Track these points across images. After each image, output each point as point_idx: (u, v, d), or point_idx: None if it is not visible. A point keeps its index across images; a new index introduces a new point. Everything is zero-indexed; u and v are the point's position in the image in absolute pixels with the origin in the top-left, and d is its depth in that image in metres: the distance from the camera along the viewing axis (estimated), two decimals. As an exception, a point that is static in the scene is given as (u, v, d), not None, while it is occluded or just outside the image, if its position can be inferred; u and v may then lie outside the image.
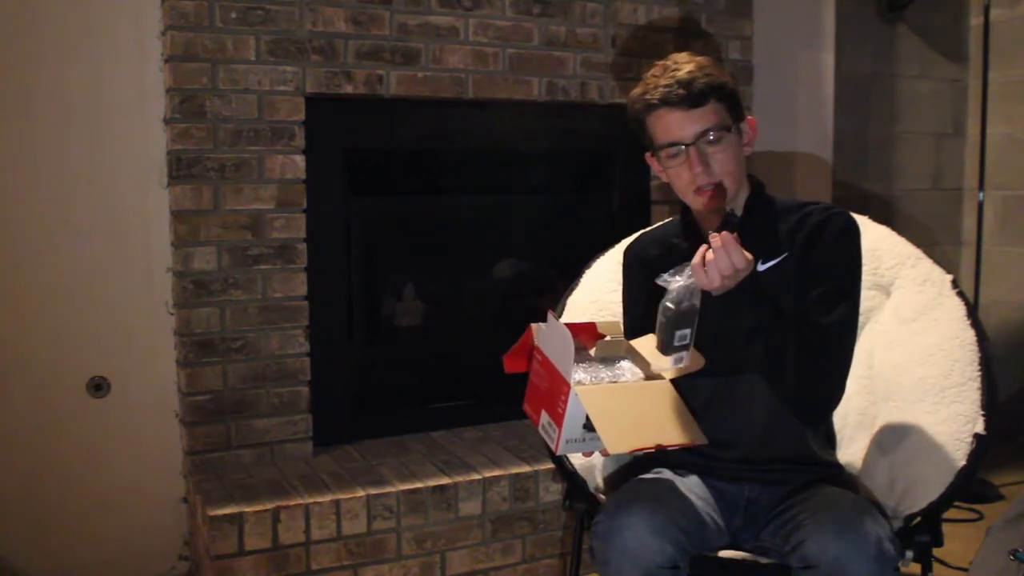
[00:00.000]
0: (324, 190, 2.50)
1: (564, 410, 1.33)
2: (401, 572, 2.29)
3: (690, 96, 1.50)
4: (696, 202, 1.58)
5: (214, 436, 2.40)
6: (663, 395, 1.41)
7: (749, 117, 1.61)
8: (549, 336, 1.41)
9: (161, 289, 2.42)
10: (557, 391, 1.35)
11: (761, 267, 1.56)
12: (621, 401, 1.37)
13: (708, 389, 1.61)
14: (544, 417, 1.38)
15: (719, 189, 1.53)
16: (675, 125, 1.53)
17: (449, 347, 2.87)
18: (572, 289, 2.01)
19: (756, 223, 1.60)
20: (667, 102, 1.52)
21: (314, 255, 2.48)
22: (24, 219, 2.31)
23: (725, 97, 1.54)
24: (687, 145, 1.52)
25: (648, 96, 1.54)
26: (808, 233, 1.59)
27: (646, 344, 1.48)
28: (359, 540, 2.24)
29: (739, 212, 1.61)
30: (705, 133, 1.52)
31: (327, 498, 2.21)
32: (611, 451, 1.33)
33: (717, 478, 1.64)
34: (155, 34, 2.37)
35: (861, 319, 1.84)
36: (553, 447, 1.36)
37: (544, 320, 1.43)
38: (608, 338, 1.45)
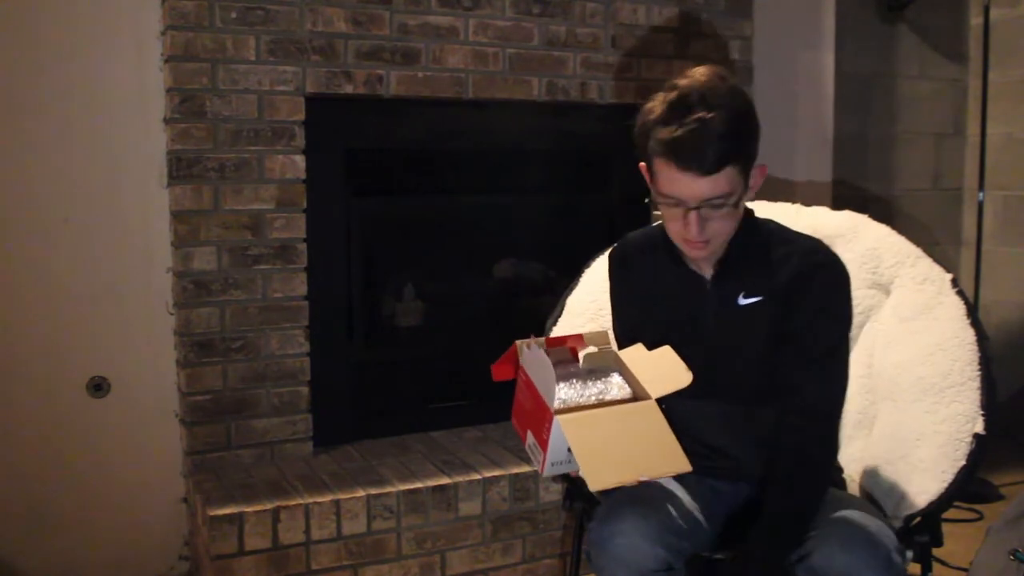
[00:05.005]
0: (324, 190, 2.50)
1: (548, 437, 1.33)
2: (401, 572, 2.29)
3: (707, 164, 1.41)
4: (682, 248, 1.55)
5: (214, 436, 2.40)
6: (648, 419, 1.36)
7: (761, 165, 1.51)
8: (532, 361, 1.40)
9: (161, 289, 2.42)
10: (541, 417, 1.35)
11: (742, 301, 1.55)
12: (605, 430, 1.34)
13: (709, 412, 1.61)
14: (530, 438, 1.39)
15: (708, 245, 1.50)
16: (682, 185, 1.44)
17: (449, 347, 2.87)
18: (572, 289, 2.01)
19: (742, 254, 1.56)
20: (681, 161, 1.42)
21: (314, 255, 2.48)
22: (24, 219, 2.31)
23: (743, 159, 1.45)
24: (689, 208, 1.46)
25: (664, 141, 1.43)
26: (790, 280, 1.53)
27: (634, 355, 1.46)
28: (359, 540, 2.24)
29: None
30: (711, 200, 1.44)
31: (327, 498, 2.21)
32: (592, 488, 1.29)
33: (715, 478, 1.64)
34: (155, 34, 2.37)
35: (861, 318, 1.84)
36: (539, 469, 1.36)
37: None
38: (595, 350, 1.43)
